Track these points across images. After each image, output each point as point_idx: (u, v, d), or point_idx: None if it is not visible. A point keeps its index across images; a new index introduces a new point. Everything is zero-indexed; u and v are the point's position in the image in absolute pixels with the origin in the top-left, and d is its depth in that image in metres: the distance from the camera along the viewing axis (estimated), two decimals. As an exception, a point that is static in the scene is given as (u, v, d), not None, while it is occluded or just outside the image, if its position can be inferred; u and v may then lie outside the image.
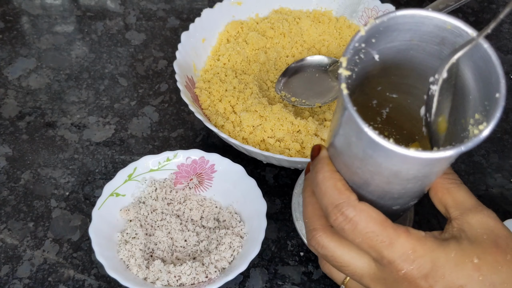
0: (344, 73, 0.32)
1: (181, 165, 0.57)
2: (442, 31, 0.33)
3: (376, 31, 0.33)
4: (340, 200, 0.34)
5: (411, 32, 0.34)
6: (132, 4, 0.82)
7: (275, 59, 0.68)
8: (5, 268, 0.53)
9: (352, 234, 0.34)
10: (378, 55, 0.34)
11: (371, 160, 0.32)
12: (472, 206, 0.36)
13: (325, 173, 0.36)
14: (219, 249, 0.51)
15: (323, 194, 0.36)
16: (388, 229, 0.33)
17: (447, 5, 0.61)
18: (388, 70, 0.36)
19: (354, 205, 0.34)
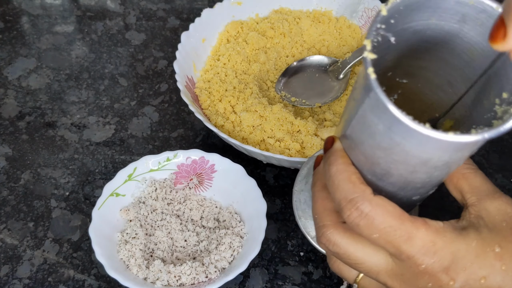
0: (370, 56, 0.30)
1: (181, 165, 0.57)
2: (463, 6, 0.31)
3: (396, 11, 0.31)
4: (355, 194, 0.33)
5: (430, 10, 0.32)
6: (132, 4, 0.82)
7: (275, 59, 0.68)
8: (5, 268, 0.53)
9: (368, 229, 0.32)
10: (394, 37, 0.32)
11: (398, 148, 0.31)
12: (489, 192, 0.34)
13: (338, 166, 0.34)
14: (219, 249, 0.51)
15: (336, 187, 0.34)
16: (406, 223, 0.32)
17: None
18: (401, 53, 0.35)
19: (369, 199, 0.32)
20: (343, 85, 0.66)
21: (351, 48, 0.71)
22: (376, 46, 0.32)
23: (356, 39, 0.72)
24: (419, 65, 0.36)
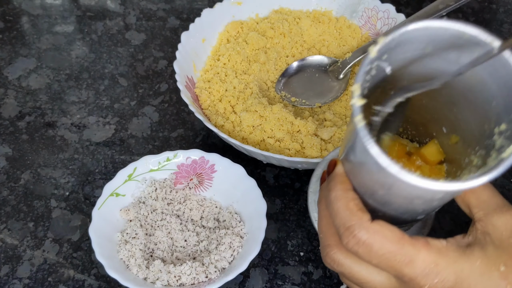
0: (358, 103, 0.30)
1: (181, 165, 0.57)
2: (458, 39, 0.31)
3: (387, 49, 0.31)
4: (352, 222, 0.33)
5: (425, 43, 0.32)
6: (132, 4, 0.82)
7: (275, 59, 0.68)
8: (5, 268, 0.53)
9: (367, 256, 0.33)
10: (390, 68, 0.33)
11: (393, 187, 0.31)
12: (498, 206, 0.34)
13: (337, 192, 0.34)
14: (219, 249, 0.51)
15: (335, 214, 0.34)
16: (406, 247, 0.32)
17: (447, 5, 0.61)
18: (401, 77, 0.35)
19: (366, 226, 0.32)
20: (343, 85, 0.66)
21: (351, 48, 0.71)
22: (370, 78, 0.32)
23: (356, 39, 0.72)
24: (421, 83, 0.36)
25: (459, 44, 0.31)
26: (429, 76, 0.34)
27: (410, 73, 0.35)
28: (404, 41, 0.31)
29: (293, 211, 0.58)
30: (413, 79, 0.35)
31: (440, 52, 0.32)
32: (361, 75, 0.31)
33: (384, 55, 0.31)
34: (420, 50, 0.32)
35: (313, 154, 0.57)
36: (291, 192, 0.60)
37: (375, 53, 0.31)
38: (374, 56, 0.31)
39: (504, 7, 0.84)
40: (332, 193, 0.35)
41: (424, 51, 0.33)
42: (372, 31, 0.72)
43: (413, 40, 0.31)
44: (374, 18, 0.71)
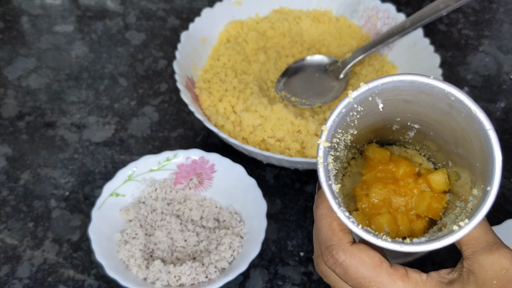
0: (324, 144, 0.32)
1: (181, 165, 0.57)
2: (446, 98, 0.32)
3: (369, 94, 0.32)
4: (332, 242, 0.33)
5: (416, 91, 0.32)
6: (132, 4, 0.82)
7: (275, 59, 0.68)
8: (5, 268, 0.53)
9: (343, 277, 0.33)
10: (382, 105, 0.33)
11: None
12: (487, 244, 0.32)
13: (322, 210, 0.35)
14: (219, 249, 0.51)
15: (318, 231, 0.35)
16: (381, 275, 0.32)
17: (447, 5, 0.61)
18: (402, 110, 0.35)
19: (344, 249, 0.33)
20: (343, 85, 0.66)
21: (351, 48, 0.71)
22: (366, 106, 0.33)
23: (356, 39, 0.72)
24: (424, 120, 0.36)
25: (448, 102, 0.32)
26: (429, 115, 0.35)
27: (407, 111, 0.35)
28: (391, 88, 0.32)
29: (293, 211, 0.58)
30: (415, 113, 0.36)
31: (434, 102, 0.33)
32: (331, 117, 0.32)
33: (369, 96, 0.33)
34: (413, 96, 0.33)
35: (313, 154, 0.57)
36: (291, 192, 0.60)
37: (352, 98, 0.32)
38: (351, 100, 0.32)
39: (504, 7, 0.84)
40: (318, 210, 0.35)
41: (417, 97, 0.33)
42: (372, 31, 0.72)
43: (402, 88, 0.32)
44: (374, 18, 0.71)
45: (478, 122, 0.31)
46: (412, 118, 0.36)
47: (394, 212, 0.37)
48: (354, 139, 0.37)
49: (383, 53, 0.70)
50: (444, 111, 0.33)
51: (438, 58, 0.63)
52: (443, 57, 0.65)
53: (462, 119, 0.32)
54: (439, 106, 0.33)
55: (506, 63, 0.75)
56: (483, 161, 0.31)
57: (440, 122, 0.34)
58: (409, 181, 0.37)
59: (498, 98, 0.71)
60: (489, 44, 0.78)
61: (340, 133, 0.34)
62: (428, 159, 0.40)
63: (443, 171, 0.37)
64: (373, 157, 0.39)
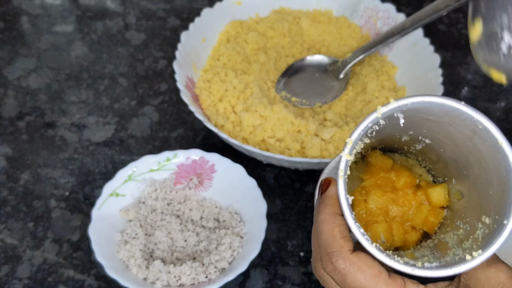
0: (347, 157, 0.32)
1: (181, 165, 0.57)
2: (473, 124, 0.32)
3: (396, 111, 0.32)
4: (332, 249, 0.33)
5: (442, 113, 0.32)
6: (132, 4, 0.82)
7: (275, 59, 0.68)
8: (5, 268, 0.53)
9: (342, 284, 0.33)
10: (404, 121, 0.33)
11: None
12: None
13: (325, 215, 0.34)
14: (219, 249, 0.51)
15: (319, 236, 0.34)
16: (379, 285, 0.32)
17: (447, 4, 0.61)
18: (419, 125, 0.35)
19: (344, 256, 0.33)
20: (343, 85, 0.66)
21: (351, 48, 0.71)
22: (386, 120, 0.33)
23: (356, 39, 0.72)
24: (438, 138, 0.36)
25: (473, 129, 0.32)
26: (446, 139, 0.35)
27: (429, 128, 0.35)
28: (419, 108, 0.32)
29: (293, 211, 0.58)
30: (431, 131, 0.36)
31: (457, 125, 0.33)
32: (357, 131, 0.32)
33: (395, 113, 0.33)
34: (437, 117, 0.33)
35: (313, 154, 0.57)
36: (291, 192, 0.60)
37: (381, 114, 0.32)
38: (379, 116, 0.32)
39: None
40: (320, 216, 0.35)
41: (440, 119, 0.33)
42: (372, 31, 0.72)
43: (428, 109, 0.32)
44: (374, 17, 0.71)
45: (503, 154, 0.30)
46: (426, 133, 0.36)
47: (390, 221, 0.37)
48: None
49: (383, 53, 0.70)
50: (465, 135, 0.33)
51: (438, 58, 0.63)
52: (443, 57, 0.65)
53: (485, 147, 0.32)
54: (462, 130, 0.33)
55: (506, 63, 0.75)
56: (499, 191, 0.31)
57: (456, 143, 0.34)
58: (408, 192, 0.37)
59: (498, 98, 0.71)
60: (489, 44, 0.78)
61: (358, 144, 0.34)
62: (428, 171, 0.40)
63: (444, 186, 0.37)
64: (375, 163, 0.39)
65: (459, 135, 0.33)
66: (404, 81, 0.67)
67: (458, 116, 0.32)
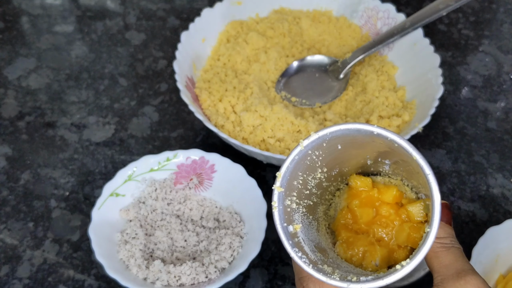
0: (278, 189, 0.35)
1: (181, 165, 0.57)
2: (391, 143, 0.33)
3: (322, 141, 0.34)
4: (303, 274, 0.36)
5: (367, 137, 0.34)
6: (132, 4, 0.82)
7: (275, 59, 0.68)
8: (5, 268, 0.53)
9: None
10: (340, 146, 0.35)
11: None
12: (456, 271, 0.34)
13: None
14: (219, 249, 0.51)
15: (293, 263, 0.36)
16: None
17: (447, 5, 0.61)
18: (365, 149, 0.37)
19: (314, 280, 0.35)
20: (343, 85, 0.66)
21: (351, 48, 0.71)
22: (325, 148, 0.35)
23: (356, 39, 0.72)
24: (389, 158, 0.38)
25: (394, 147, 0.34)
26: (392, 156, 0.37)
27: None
28: (344, 135, 0.34)
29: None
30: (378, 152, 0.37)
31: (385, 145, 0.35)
32: (285, 165, 0.35)
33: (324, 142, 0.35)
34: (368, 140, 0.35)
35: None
36: (291, 192, 0.60)
37: (303, 146, 0.34)
38: (302, 149, 0.34)
39: (504, 7, 0.84)
40: None
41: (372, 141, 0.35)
42: (372, 31, 0.72)
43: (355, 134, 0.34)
44: (374, 18, 0.71)
45: (421, 167, 0.32)
46: (380, 155, 0.38)
47: (375, 243, 0.38)
48: (333, 175, 0.39)
49: (383, 53, 0.70)
50: (400, 153, 0.35)
51: (438, 58, 0.63)
52: (443, 57, 0.65)
53: (412, 161, 0.33)
54: (393, 148, 0.34)
55: (506, 63, 0.75)
56: (430, 204, 0.33)
57: (405, 161, 0.36)
58: (390, 212, 0.38)
59: (498, 98, 0.71)
60: (489, 44, 0.78)
61: (303, 175, 0.36)
62: (412, 189, 0.41)
63: (421, 202, 0.38)
64: (355, 185, 0.40)
65: (396, 154, 0.35)
66: (404, 81, 0.67)
67: (378, 137, 0.33)
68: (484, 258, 0.49)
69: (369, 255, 0.37)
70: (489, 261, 0.49)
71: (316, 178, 0.38)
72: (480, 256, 0.48)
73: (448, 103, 0.70)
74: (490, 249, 0.49)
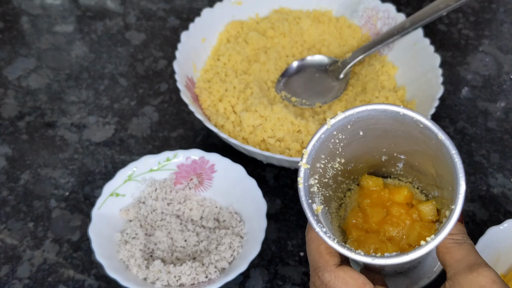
0: (304, 166, 0.34)
1: (181, 165, 0.57)
2: (417, 125, 0.34)
3: (347, 122, 0.34)
4: (319, 264, 0.36)
5: (391, 120, 0.34)
6: (132, 4, 0.82)
7: (275, 59, 0.68)
8: (5, 268, 0.53)
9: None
10: (362, 132, 0.36)
11: None
12: (468, 265, 0.34)
13: (312, 234, 0.37)
14: (219, 249, 0.51)
15: (308, 253, 0.37)
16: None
17: (447, 4, 0.61)
18: (385, 140, 0.37)
19: (330, 270, 0.35)
20: (343, 85, 0.66)
21: (351, 48, 0.71)
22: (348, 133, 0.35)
23: (356, 39, 0.72)
24: (407, 150, 0.38)
25: (419, 130, 0.34)
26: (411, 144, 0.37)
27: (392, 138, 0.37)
28: (367, 117, 0.35)
29: (293, 211, 0.58)
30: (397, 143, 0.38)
31: (409, 129, 0.35)
32: (312, 142, 0.35)
33: (348, 124, 0.35)
34: (390, 124, 0.35)
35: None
36: (291, 192, 0.60)
37: (330, 125, 0.34)
38: (329, 127, 0.35)
39: (504, 7, 0.84)
40: (308, 234, 0.38)
41: (392, 126, 0.35)
42: (372, 31, 0.72)
43: (377, 117, 0.35)
44: (374, 18, 0.71)
45: (445, 147, 0.33)
46: (396, 148, 0.38)
47: (387, 242, 0.38)
48: (348, 170, 0.39)
49: (383, 53, 0.70)
50: (419, 139, 0.35)
51: (438, 58, 0.63)
52: (443, 57, 0.65)
53: (433, 145, 0.34)
54: (414, 134, 0.35)
55: (506, 63, 0.75)
56: (453, 183, 0.33)
57: (419, 151, 0.36)
58: (401, 212, 0.39)
59: (498, 98, 0.71)
60: (489, 44, 0.78)
61: (325, 159, 0.36)
62: (421, 191, 0.42)
63: (432, 202, 0.39)
64: (366, 184, 0.41)
65: (416, 140, 0.36)
66: (404, 81, 0.67)
67: (403, 119, 0.34)
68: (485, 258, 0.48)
69: (380, 252, 0.37)
70: (490, 261, 0.49)
71: (334, 168, 0.38)
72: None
73: (448, 103, 0.70)
74: (491, 249, 0.49)
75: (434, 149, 0.34)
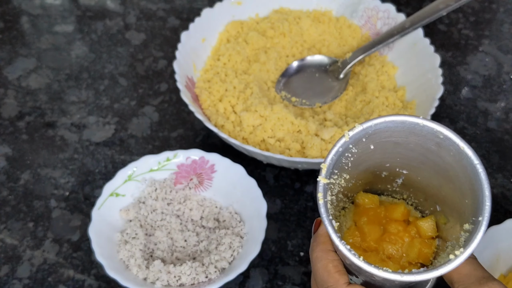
0: (323, 181, 0.33)
1: (181, 165, 0.57)
2: (435, 137, 0.33)
3: (363, 135, 0.34)
4: (329, 284, 0.35)
5: (406, 132, 0.34)
6: (132, 4, 0.82)
7: (275, 59, 0.68)
8: (5, 268, 0.53)
9: None
10: (373, 146, 0.35)
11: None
12: (476, 280, 0.34)
13: (318, 253, 0.36)
14: (219, 249, 0.51)
15: (315, 273, 0.36)
16: None
17: (447, 4, 0.61)
18: (392, 154, 0.37)
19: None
20: (343, 85, 0.66)
21: (351, 48, 0.71)
22: (357, 148, 0.34)
23: (356, 39, 0.72)
24: (412, 164, 0.38)
25: (436, 142, 0.34)
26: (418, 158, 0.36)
27: (400, 153, 0.37)
28: (383, 129, 0.34)
29: (293, 211, 0.58)
30: (404, 157, 0.37)
31: (422, 143, 0.35)
32: (330, 156, 0.34)
33: (363, 138, 0.34)
34: (403, 137, 0.35)
35: (313, 154, 0.57)
36: (291, 192, 0.60)
37: (349, 137, 0.33)
38: (347, 140, 0.34)
39: (504, 7, 0.84)
40: (314, 253, 0.37)
41: (407, 139, 0.35)
42: (372, 31, 0.72)
43: (393, 129, 0.34)
44: (374, 18, 0.71)
45: (467, 158, 0.32)
46: (400, 163, 0.38)
47: (387, 260, 0.38)
48: (345, 187, 0.38)
49: (383, 53, 0.70)
50: (432, 151, 0.34)
51: (438, 58, 0.63)
52: (443, 57, 0.65)
53: (451, 157, 0.33)
54: (428, 146, 0.34)
55: (506, 63, 0.75)
56: (473, 195, 0.32)
57: (427, 164, 0.36)
58: (399, 229, 0.38)
59: (498, 98, 0.71)
60: (489, 44, 0.78)
61: (336, 175, 0.36)
62: (416, 208, 0.41)
63: (432, 218, 0.38)
64: (362, 202, 0.40)
65: (426, 153, 0.35)
66: (404, 81, 0.67)
67: (421, 131, 0.33)
68: (485, 258, 0.48)
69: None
70: (490, 261, 0.49)
71: (339, 185, 0.37)
72: (480, 256, 0.48)
73: (448, 103, 0.70)
74: (491, 249, 0.49)
75: (451, 161, 0.33)
